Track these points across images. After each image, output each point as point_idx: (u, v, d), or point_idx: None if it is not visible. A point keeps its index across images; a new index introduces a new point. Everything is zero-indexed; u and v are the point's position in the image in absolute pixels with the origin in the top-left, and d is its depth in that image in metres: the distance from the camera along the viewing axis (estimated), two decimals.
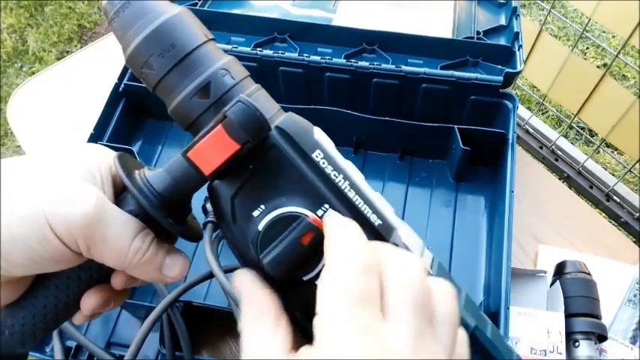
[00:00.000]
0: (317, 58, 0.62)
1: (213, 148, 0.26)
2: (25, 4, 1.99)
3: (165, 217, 0.28)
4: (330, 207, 0.27)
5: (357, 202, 0.28)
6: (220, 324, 0.54)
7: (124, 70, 0.66)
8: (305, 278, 0.28)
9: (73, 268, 0.29)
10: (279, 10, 0.74)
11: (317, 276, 0.27)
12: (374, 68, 0.61)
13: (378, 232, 0.28)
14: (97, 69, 0.82)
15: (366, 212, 0.28)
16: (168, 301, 0.47)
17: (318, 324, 0.23)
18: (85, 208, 0.26)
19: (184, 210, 0.32)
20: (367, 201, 0.28)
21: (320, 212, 0.27)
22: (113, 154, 0.30)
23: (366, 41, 0.65)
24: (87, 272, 0.30)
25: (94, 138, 0.61)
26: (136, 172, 0.30)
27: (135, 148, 0.66)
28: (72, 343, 0.51)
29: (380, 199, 0.29)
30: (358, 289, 0.23)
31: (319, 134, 0.28)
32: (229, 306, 0.48)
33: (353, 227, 0.26)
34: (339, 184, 0.28)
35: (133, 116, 0.68)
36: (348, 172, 0.28)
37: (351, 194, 0.28)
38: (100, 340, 0.53)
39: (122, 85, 0.65)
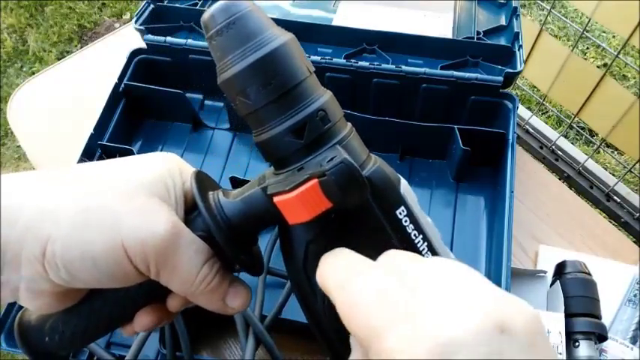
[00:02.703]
0: (317, 58, 0.62)
1: (305, 203, 0.24)
2: (25, 4, 1.99)
3: (233, 249, 0.27)
4: None
5: None
6: (220, 324, 0.54)
7: (124, 70, 0.66)
8: None
9: (133, 286, 0.28)
10: (279, 10, 0.74)
11: None
12: (374, 68, 0.61)
13: None
14: (97, 69, 0.82)
15: None
16: None
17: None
18: (162, 231, 0.26)
19: (251, 241, 0.31)
20: None
21: None
22: (189, 168, 0.30)
23: (366, 41, 0.65)
24: (146, 291, 0.29)
25: (94, 138, 0.60)
26: (210, 194, 0.29)
27: (135, 148, 0.66)
28: None
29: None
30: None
31: (405, 188, 0.27)
32: None
33: None
34: (418, 245, 0.27)
35: (133, 116, 0.68)
36: (427, 233, 0.27)
37: (427, 257, 0.27)
38: (100, 339, 0.53)
39: (122, 85, 0.65)
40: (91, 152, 0.60)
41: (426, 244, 0.27)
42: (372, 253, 0.26)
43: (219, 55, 0.27)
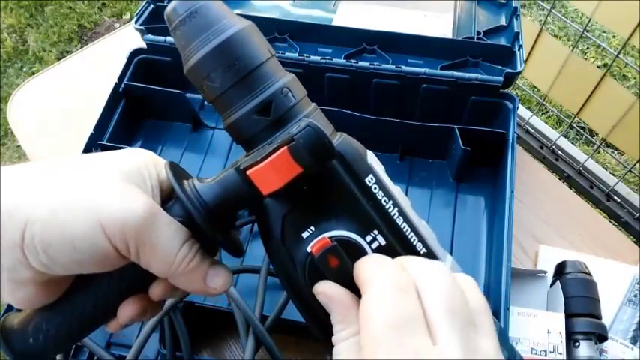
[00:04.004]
0: (317, 58, 0.62)
1: (276, 170, 0.25)
2: (25, 4, 1.99)
3: (212, 229, 0.28)
4: (378, 233, 0.27)
5: (404, 230, 0.28)
6: (220, 324, 0.54)
7: (124, 70, 0.66)
8: None
9: (113, 276, 0.28)
10: (279, 10, 0.74)
11: None
12: (374, 68, 0.61)
13: None
14: (97, 69, 0.82)
15: (412, 240, 0.28)
16: (171, 304, 0.47)
17: (370, 353, 0.22)
18: (140, 211, 0.26)
19: (229, 223, 0.31)
20: (414, 229, 0.28)
21: (369, 238, 0.27)
22: (163, 161, 0.30)
23: (367, 41, 0.65)
24: (127, 281, 0.29)
25: (94, 138, 0.61)
26: (185, 182, 0.29)
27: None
28: None
29: (425, 227, 0.29)
30: (400, 313, 0.23)
31: (372, 158, 0.29)
32: (229, 306, 0.48)
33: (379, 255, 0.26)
34: (389, 210, 0.28)
35: (133, 116, 0.68)
36: (397, 199, 0.28)
37: (400, 221, 0.28)
38: (100, 339, 0.53)
39: (122, 85, 0.65)
40: (90, 152, 0.60)
41: (396, 209, 0.28)
42: (346, 220, 0.27)
43: (184, 44, 0.28)
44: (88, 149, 0.59)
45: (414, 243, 0.28)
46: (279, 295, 0.50)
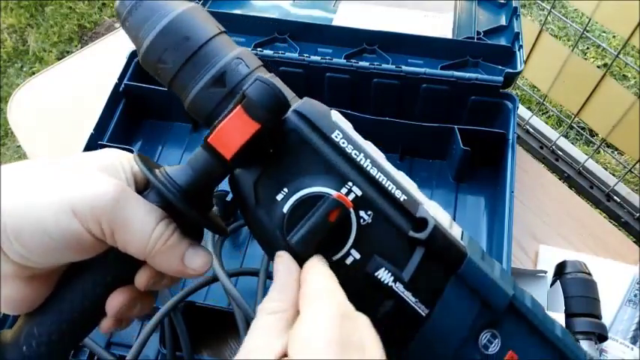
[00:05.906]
0: (317, 58, 0.62)
1: (234, 130, 0.26)
2: (26, 4, 1.99)
3: (189, 209, 0.28)
4: (353, 184, 0.28)
5: (380, 179, 0.28)
6: (221, 324, 0.54)
7: (124, 70, 0.66)
8: (334, 258, 0.28)
9: (96, 268, 0.28)
10: (279, 10, 0.74)
11: (346, 255, 0.28)
12: (374, 68, 0.61)
13: (404, 207, 0.28)
14: (97, 69, 0.82)
15: (390, 188, 0.28)
16: (172, 304, 0.47)
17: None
18: (111, 192, 0.26)
19: (206, 205, 0.31)
20: (390, 178, 0.28)
21: (344, 190, 0.28)
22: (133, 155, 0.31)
23: (367, 41, 0.65)
24: (111, 271, 0.29)
25: (94, 138, 0.61)
26: (157, 170, 0.29)
27: (135, 148, 0.66)
28: None
29: (403, 176, 0.29)
30: (340, 339, 0.23)
31: (337, 116, 0.29)
32: (229, 306, 0.48)
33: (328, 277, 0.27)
34: (361, 162, 0.28)
35: (133, 116, 0.68)
36: (368, 151, 0.28)
37: (374, 172, 0.28)
38: (100, 339, 0.53)
39: (122, 85, 0.65)
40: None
41: (369, 160, 0.28)
42: (318, 177, 0.28)
43: (134, 33, 0.29)
44: (88, 149, 0.59)
45: (393, 191, 0.28)
46: None
